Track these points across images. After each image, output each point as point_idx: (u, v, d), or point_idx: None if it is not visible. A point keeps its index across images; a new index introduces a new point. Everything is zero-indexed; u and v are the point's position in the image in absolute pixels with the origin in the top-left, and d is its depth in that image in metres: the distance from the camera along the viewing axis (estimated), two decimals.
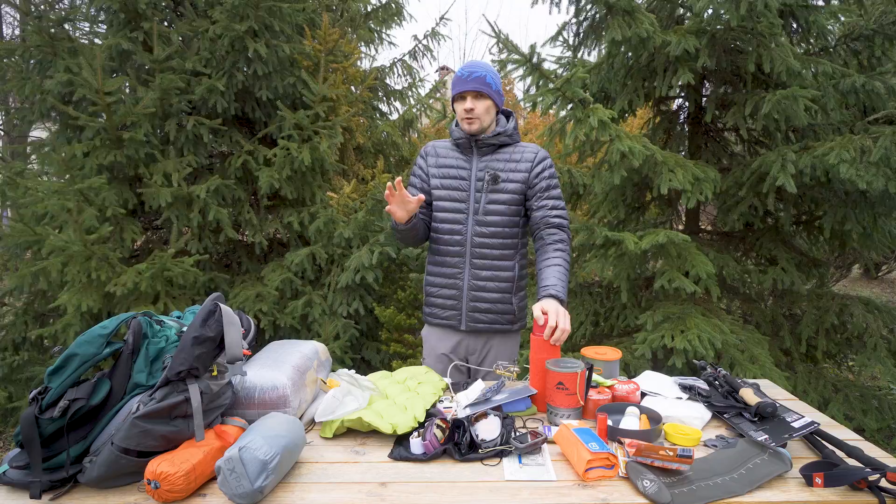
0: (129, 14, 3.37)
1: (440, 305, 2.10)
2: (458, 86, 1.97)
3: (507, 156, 2.02)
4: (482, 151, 2.03)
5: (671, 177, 2.91)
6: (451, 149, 2.09)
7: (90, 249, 2.86)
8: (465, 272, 2.04)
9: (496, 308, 2.05)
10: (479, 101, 1.96)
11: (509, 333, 2.11)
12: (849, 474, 1.22)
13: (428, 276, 2.14)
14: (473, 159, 2.04)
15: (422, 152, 2.13)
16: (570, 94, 2.91)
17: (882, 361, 3.11)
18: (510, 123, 2.05)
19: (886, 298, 7.74)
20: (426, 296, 2.15)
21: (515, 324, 2.10)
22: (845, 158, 2.67)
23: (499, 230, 2.01)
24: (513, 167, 2.01)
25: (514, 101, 8.78)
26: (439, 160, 2.08)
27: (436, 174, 2.07)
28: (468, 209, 2.02)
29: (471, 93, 1.96)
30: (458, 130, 2.05)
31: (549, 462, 1.36)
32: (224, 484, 1.16)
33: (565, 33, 3.58)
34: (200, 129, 3.33)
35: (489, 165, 2.01)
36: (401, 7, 4.75)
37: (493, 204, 2.00)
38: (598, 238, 2.98)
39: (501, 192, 2.00)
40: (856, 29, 3.27)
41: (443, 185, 2.05)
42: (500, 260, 2.02)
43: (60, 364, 1.21)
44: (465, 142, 2.03)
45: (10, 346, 3.34)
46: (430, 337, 2.17)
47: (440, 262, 2.08)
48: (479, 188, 2.01)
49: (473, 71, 1.97)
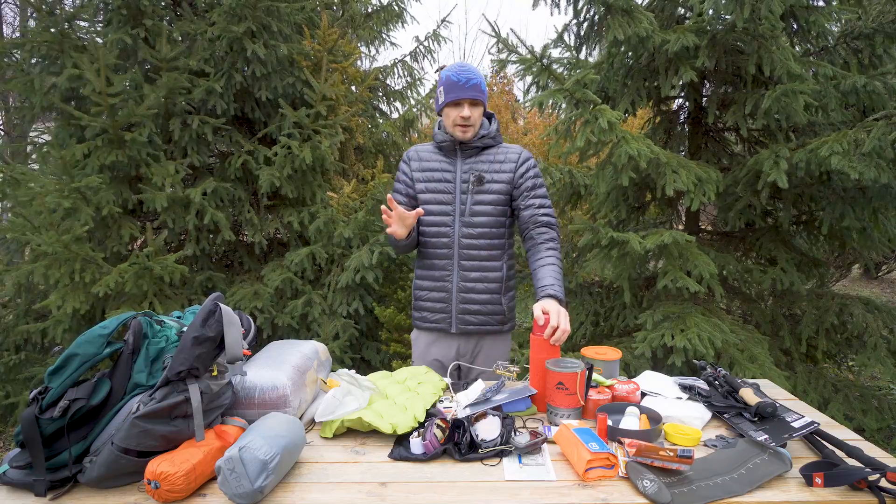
0: (131, 11, 3.37)
1: (429, 309, 2.09)
2: (456, 92, 1.94)
3: (491, 157, 2.03)
4: (466, 154, 2.04)
5: (675, 178, 2.91)
6: (434, 152, 2.08)
7: (71, 251, 2.85)
8: (454, 274, 2.04)
9: (486, 309, 2.05)
10: (475, 109, 1.96)
11: (500, 334, 2.11)
12: (849, 474, 1.22)
13: (417, 280, 2.13)
14: (458, 162, 2.04)
15: (405, 157, 2.12)
16: (580, 95, 2.91)
17: (882, 361, 3.11)
18: (493, 126, 2.05)
19: (886, 298, 7.74)
20: (415, 300, 2.13)
21: (506, 324, 2.10)
22: (837, 150, 2.68)
23: (486, 231, 2.01)
24: (497, 168, 2.02)
25: (513, 101, 8.78)
26: (423, 164, 2.07)
27: (420, 178, 2.06)
28: (454, 211, 2.02)
29: (468, 100, 1.94)
30: (442, 134, 2.05)
31: (549, 462, 1.36)
32: (224, 484, 1.16)
33: (566, 35, 3.59)
34: (205, 129, 3.33)
35: (473, 167, 2.02)
36: (402, 9, 4.75)
37: (479, 205, 2.00)
38: (604, 238, 2.98)
39: (487, 193, 2.01)
40: (856, 28, 3.27)
41: (428, 189, 2.05)
42: (489, 261, 2.03)
43: (60, 364, 1.21)
44: (448, 144, 2.03)
45: (11, 346, 3.34)
46: (419, 341, 2.16)
47: (428, 266, 2.08)
48: (465, 190, 2.01)
49: (470, 77, 1.94)
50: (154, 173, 3.20)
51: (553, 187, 3.67)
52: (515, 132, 7.93)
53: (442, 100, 1.99)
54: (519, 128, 8.17)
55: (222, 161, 3.64)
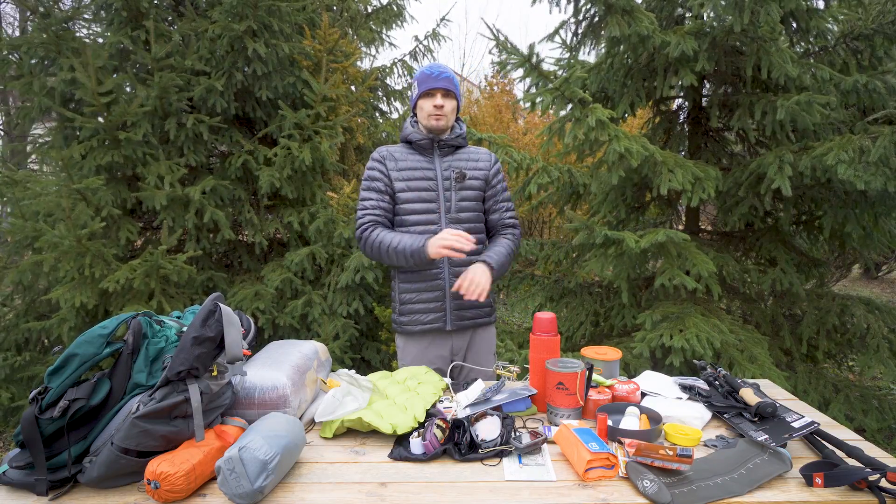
0: (132, 12, 3.37)
1: (422, 310, 2.06)
2: (429, 83, 2.00)
3: (467, 156, 2.12)
4: (444, 152, 2.08)
5: (671, 177, 2.90)
6: (409, 151, 2.08)
7: (84, 245, 2.86)
8: (445, 271, 2.05)
9: (477, 303, 2.09)
10: (447, 100, 2.02)
11: (488, 326, 2.18)
12: (849, 474, 1.22)
13: (402, 284, 2.08)
14: (436, 160, 2.07)
15: (376, 156, 2.06)
16: (569, 93, 2.91)
17: (885, 362, 3.11)
18: (463, 128, 2.14)
19: (887, 298, 7.74)
20: (401, 304, 2.08)
21: (492, 315, 2.19)
22: (843, 159, 2.67)
23: (472, 226, 2.08)
24: (473, 166, 2.11)
25: (513, 101, 8.78)
26: (399, 163, 2.06)
27: (399, 177, 2.04)
28: (440, 208, 2.04)
29: (441, 90, 2.00)
30: (417, 132, 2.06)
31: (549, 462, 1.36)
32: (224, 484, 1.16)
33: (563, 32, 3.57)
34: (201, 128, 3.33)
35: (452, 164, 2.07)
36: (402, 8, 4.75)
37: (463, 201, 2.07)
38: (598, 237, 2.98)
39: (468, 189, 2.08)
40: (855, 28, 3.27)
41: (409, 188, 2.04)
42: (475, 254, 2.06)
43: (60, 364, 1.21)
44: (427, 143, 2.06)
45: (13, 346, 3.34)
46: (410, 347, 2.10)
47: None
48: (448, 186, 2.05)
49: (443, 71, 2.03)
50: (150, 172, 3.19)
51: (552, 186, 3.67)
52: (516, 132, 7.92)
53: (416, 93, 2.05)
54: (519, 128, 8.16)
55: (222, 161, 3.65)
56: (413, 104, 2.10)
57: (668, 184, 2.88)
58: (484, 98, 9.32)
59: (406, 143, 2.10)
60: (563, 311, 3.79)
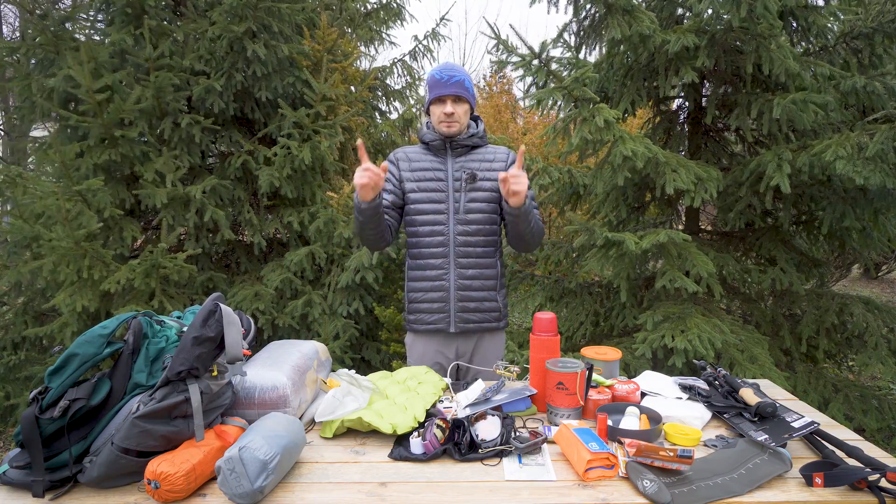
0: (135, 11, 3.37)
1: (426, 310, 2.08)
2: (438, 89, 1.98)
3: (481, 156, 2.07)
4: (457, 152, 2.06)
5: (675, 177, 2.91)
6: (424, 152, 2.09)
7: (82, 248, 2.86)
8: (451, 272, 2.04)
9: (483, 307, 2.07)
10: (458, 105, 2.00)
11: (496, 331, 2.14)
12: (849, 474, 1.22)
13: (411, 283, 2.12)
14: (448, 160, 2.06)
15: (391, 158, 2.11)
16: (578, 93, 2.91)
17: (883, 361, 3.11)
18: (480, 127, 2.10)
19: (886, 298, 7.74)
20: (409, 303, 2.12)
21: (501, 321, 2.13)
22: (842, 155, 2.68)
23: (481, 227, 2.04)
24: (487, 166, 2.06)
25: (513, 101, 8.78)
26: (412, 164, 2.07)
27: (410, 178, 2.06)
28: (448, 209, 2.03)
29: (451, 97, 1.99)
30: (430, 133, 2.06)
31: (549, 462, 1.36)
32: (224, 484, 1.16)
33: (566, 34, 3.58)
34: (194, 129, 3.32)
35: (465, 165, 2.05)
36: (401, 7, 4.74)
37: (473, 202, 2.03)
38: (599, 239, 2.98)
39: (480, 191, 2.04)
40: (855, 27, 3.27)
41: (420, 188, 2.05)
42: (484, 258, 2.05)
43: (60, 364, 1.21)
44: (439, 143, 2.05)
45: (10, 345, 3.34)
46: (416, 345, 2.14)
47: (423, 266, 2.07)
48: (458, 188, 2.03)
49: (453, 75, 1.99)
50: (148, 169, 3.19)
51: (552, 187, 3.68)
52: (515, 132, 7.92)
53: (428, 98, 2.04)
54: (519, 128, 8.17)
55: (222, 161, 3.65)
56: (426, 108, 2.09)
57: (673, 184, 2.88)
58: (483, 98, 9.33)
59: (422, 143, 2.11)
60: (563, 311, 3.79)
